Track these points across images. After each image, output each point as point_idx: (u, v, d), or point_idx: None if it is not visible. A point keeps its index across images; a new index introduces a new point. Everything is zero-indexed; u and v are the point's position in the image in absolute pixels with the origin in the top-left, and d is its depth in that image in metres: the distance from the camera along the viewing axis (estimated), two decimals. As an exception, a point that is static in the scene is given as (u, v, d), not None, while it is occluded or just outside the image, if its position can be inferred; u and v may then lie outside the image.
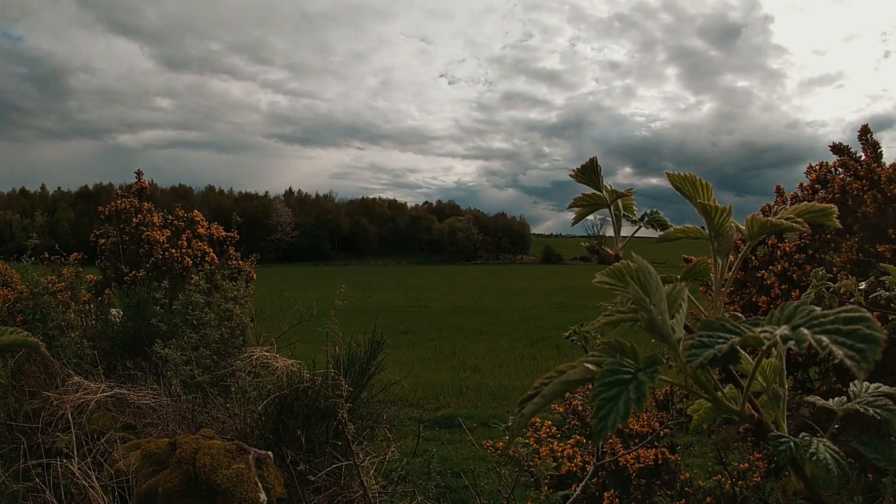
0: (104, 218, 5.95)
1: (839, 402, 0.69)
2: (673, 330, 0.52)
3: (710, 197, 0.70)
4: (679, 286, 0.58)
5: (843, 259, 2.29)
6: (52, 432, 3.33)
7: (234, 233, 6.18)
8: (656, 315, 0.51)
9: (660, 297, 0.53)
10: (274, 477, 2.89)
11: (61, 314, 4.69)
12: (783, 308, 0.53)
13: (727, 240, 0.68)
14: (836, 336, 0.45)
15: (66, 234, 57.94)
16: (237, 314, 4.41)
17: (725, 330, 0.51)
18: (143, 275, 5.50)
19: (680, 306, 0.55)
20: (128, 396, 3.61)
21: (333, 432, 3.34)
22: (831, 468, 0.56)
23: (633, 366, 0.51)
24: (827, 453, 0.57)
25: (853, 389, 0.70)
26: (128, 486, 2.74)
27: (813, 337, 0.45)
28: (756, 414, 0.59)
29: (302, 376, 3.50)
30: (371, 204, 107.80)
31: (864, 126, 2.44)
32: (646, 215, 0.78)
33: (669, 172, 0.73)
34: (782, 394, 0.65)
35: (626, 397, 0.47)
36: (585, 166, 0.73)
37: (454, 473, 4.69)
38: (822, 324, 0.47)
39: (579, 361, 0.52)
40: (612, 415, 0.46)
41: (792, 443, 0.57)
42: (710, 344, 0.50)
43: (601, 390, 0.47)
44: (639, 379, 0.48)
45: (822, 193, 2.52)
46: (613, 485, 2.46)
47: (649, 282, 0.54)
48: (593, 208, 0.76)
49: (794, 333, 0.47)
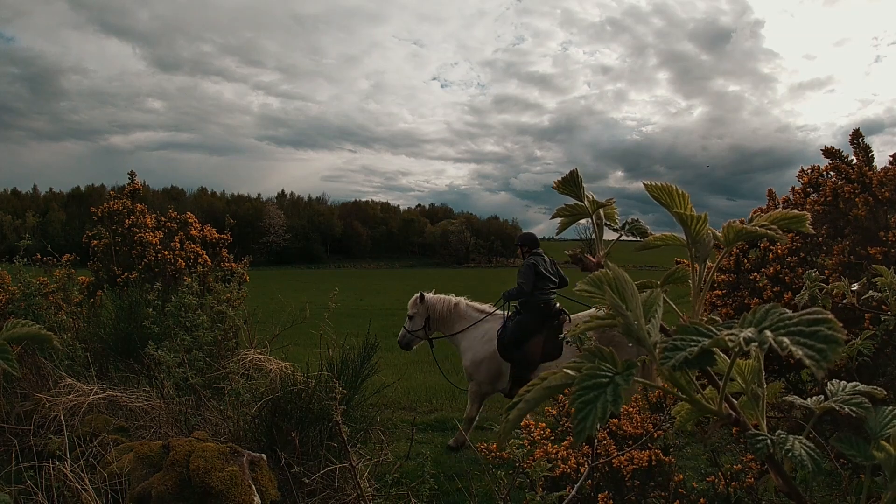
0: (97, 219, 5.94)
1: (817, 401, 0.71)
2: (649, 334, 0.54)
3: (687, 206, 0.72)
4: (655, 292, 0.60)
5: (835, 262, 2.31)
6: (45, 434, 3.32)
7: (227, 235, 6.18)
8: (632, 320, 0.53)
9: (636, 303, 0.55)
10: (268, 480, 2.90)
11: (53, 316, 4.68)
12: (755, 311, 0.55)
13: (704, 246, 0.70)
14: (798, 337, 0.47)
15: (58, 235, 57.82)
16: (230, 316, 4.41)
17: (698, 333, 0.53)
18: (135, 276, 5.49)
19: (655, 311, 0.57)
20: (120, 399, 3.61)
21: (327, 435, 3.35)
22: (806, 464, 0.58)
23: (611, 370, 0.53)
24: (802, 450, 0.59)
25: (830, 388, 0.72)
26: (121, 488, 2.74)
27: (774, 339, 0.47)
28: (733, 413, 0.61)
29: (295, 379, 3.50)
30: (363, 207, 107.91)
31: (855, 130, 2.47)
32: (626, 224, 0.80)
33: (647, 183, 0.75)
34: (761, 394, 0.67)
35: (604, 400, 0.49)
36: (567, 178, 0.75)
37: (447, 476, 4.69)
38: (787, 325, 0.49)
39: (560, 368, 0.54)
40: (591, 417, 0.48)
41: (769, 440, 0.59)
42: (682, 347, 0.52)
43: (580, 394, 0.50)
44: (615, 382, 0.51)
45: (813, 197, 2.55)
46: (608, 486, 2.48)
47: (625, 289, 0.56)
48: (576, 218, 0.78)
49: (758, 336, 0.49)
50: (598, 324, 0.59)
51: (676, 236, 0.75)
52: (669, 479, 2.47)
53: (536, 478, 2.01)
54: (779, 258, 2.51)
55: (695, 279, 0.70)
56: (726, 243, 0.72)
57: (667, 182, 0.74)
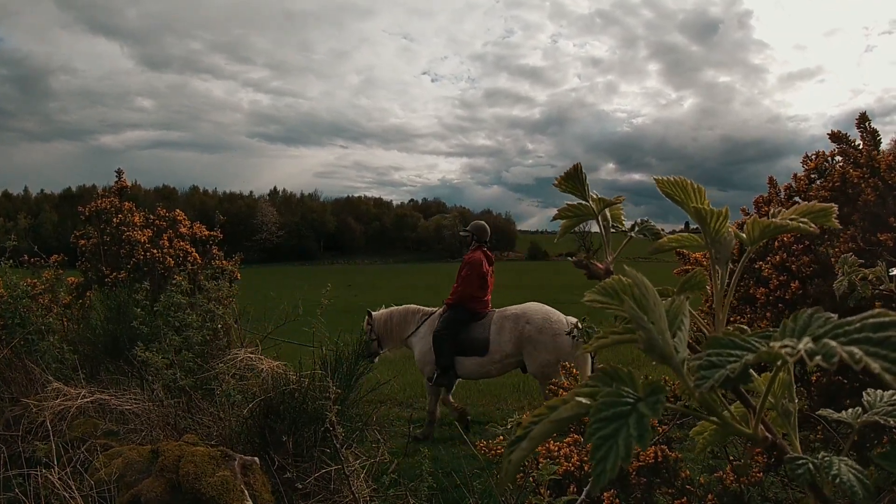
0: (85, 219, 5.84)
1: (854, 414, 0.64)
2: (676, 350, 0.46)
3: (704, 201, 0.64)
4: (679, 300, 0.51)
5: (842, 249, 2.25)
6: (33, 440, 3.25)
7: (218, 232, 6.08)
8: (656, 334, 0.45)
9: (659, 313, 0.47)
10: (261, 484, 2.82)
11: (41, 318, 4.59)
12: (796, 317, 0.46)
13: (725, 246, 0.62)
14: (868, 346, 0.39)
15: (50, 236, 57.51)
16: (220, 315, 4.33)
17: (736, 346, 0.45)
18: (124, 276, 5.40)
19: (682, 322, 0.48)
20: (109, 402, 3.53)
21: (321, 436, 3.28)
22: (856, 490, 0.50)
23: (633, 395, 0.45)
24: (850, 473, 0.51)
25: (867, 399, 0.65)
26: (109, 495, 2.66)
27: (843, 350, 0.39)
28: (770, 436, 0.53)
29: (288, 378, 3.43)
30: (356, 202, 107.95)
31: (862, 114, 2.41)
32: (636, 225, 0.72)
33: (658, 178, 0.67)
34: (793, 409, 0.59)
35: (626, 434, 0.41)
36: (570, 173, 0.66)
37: (445, 473, 4.64)
38: (848, 333, 0.41)
39: (571, 394, 0.45)
40: (612, 456, 0.39)
41: (810, 464, 0.52)
42: (720, 364, 0.44)
43: (597, 427, 0.41)
44: (639, 411, 0.42)
45: (818, 183, 2.48)
46: (613, 484, 2.42)
47: (646, 297, 0.48)
48: (580, 219, 0.70)
49: (821, 347, 0.41)
50: (614, 339, 0.51)
51: (693, 236, 0.67)
52: (676, 475, 2.41)
53: (542, 481, 1.94)
54: (784, 246, 2.44)
55: (716, 284, 0.62)
56: (750, 242, 0.63)
57: (679, 176, 0.66)
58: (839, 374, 2.26)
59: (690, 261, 2.84)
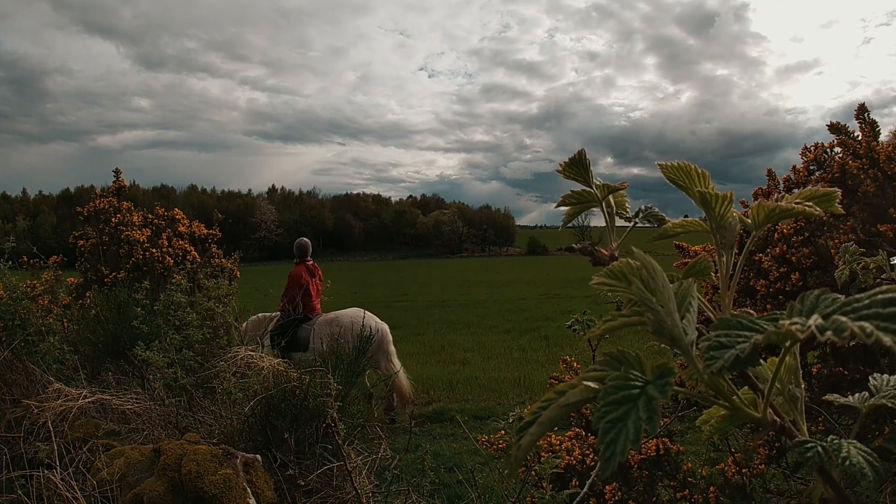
0: (83, 219, 5.83)
1: (862, 399, 0.63)
2: (685, 332, 0.45)
3: (709, 185, 0.64)
4: (686, 283, 0.51)
5: (842, 240, 2.24)
6: (34, 442, 3.24)
7: (216, 230, 6.08)
8: (665, 316, 0.45)
9: (668, 295, 0.46)
10: (263, 481, 2.82)
11: (41, 319, 4.58)
12: (803, 299, 0.46)
13: (730, 231, 0.62)
14: (879, 321, 0.39)
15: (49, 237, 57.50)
16: (220, 313, 4.32)
17: (744, 327, 0.45)
18: (123, 276, 5.39)
19: (690, 304, 0.48)
20: (110, 402, 3.52)
21: (323, 433, 3.28)
22: (867, 473, 0.49)
23: (641, 378, 0.44)
24: (859, 456, 0.51)
25: (874, 384, 0.64)
26: (111, 495, 2.66)
27: (855, 325, 0.39)
28: (779, 420, 0.53)
29: (289, 375, 3.43)
30: (355, 199, 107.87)
31: (861, 105, 2.40)
32: (640, 211, 0.72)
33: (662, 163, 0.66)
34: (799, 394, 0.59)
35: (636, 417, 0.40)
36: (574, 160, 0.66)
37: (447, 468, 4.64)
38: (857, 309, 0.41)
39: (579, 379, 0.45)
40: (621, 439, 0.39)
41: (819, 447, 0.51)
42: (729, 344, 0.43)
43: (606, 411, 0.41)
44: (648, 394, 0.42)
45: (818, 174, 2.48)
46: (615, 478, 2.42)
47: (654, 279, 0.47)
48: (584, 206, 0.69)
49: (831, 322, 0.40)
50: (621, 322, 0.50)
51: (698, 221, 0.66)
52: (678, 467, 2.41)
53: (544, 475, 1.94)
54: (784, 238, 2.43)
55: (722, 269, 0.61)
56: (755, 226, 0.63)
57: (683, 161, 0.66)
58: (840, 365, 2.26)
59: (690, 254, 2.84)
